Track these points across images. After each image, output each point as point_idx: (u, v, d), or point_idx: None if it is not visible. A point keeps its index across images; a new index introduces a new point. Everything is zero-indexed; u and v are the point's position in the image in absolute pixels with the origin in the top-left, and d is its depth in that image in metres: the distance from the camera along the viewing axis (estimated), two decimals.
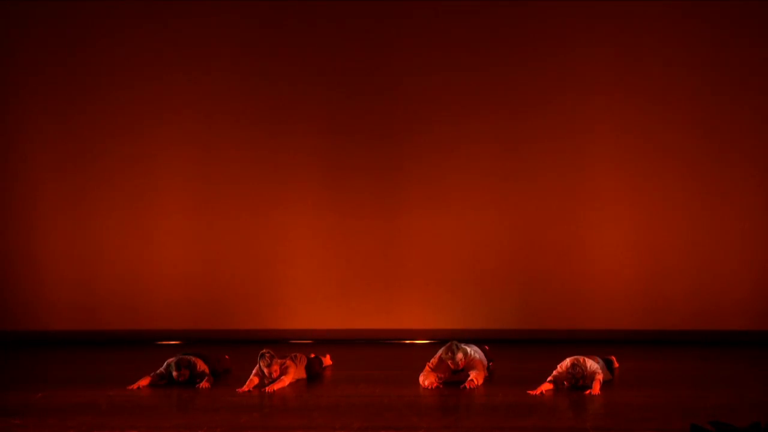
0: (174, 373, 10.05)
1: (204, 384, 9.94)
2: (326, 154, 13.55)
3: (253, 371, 9.85)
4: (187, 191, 13.62)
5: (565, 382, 9.40)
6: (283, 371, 9.96)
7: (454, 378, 9.63)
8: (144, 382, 10.03)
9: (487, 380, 9.75)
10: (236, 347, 11.23)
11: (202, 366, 10.21)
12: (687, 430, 6.93)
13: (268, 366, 9.83)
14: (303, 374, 10.29)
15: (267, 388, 9.65)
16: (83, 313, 13.57)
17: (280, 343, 13.15)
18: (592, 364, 9.46)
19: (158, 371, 10.19)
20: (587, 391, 9.21)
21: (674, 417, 7.69)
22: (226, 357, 10.90)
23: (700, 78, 13.06)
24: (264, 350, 9.88)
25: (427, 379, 9.60)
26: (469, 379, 9.50)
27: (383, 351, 12.62)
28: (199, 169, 13.63)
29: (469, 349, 9.73)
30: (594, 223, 12.95)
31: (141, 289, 13.55)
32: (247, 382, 9.75)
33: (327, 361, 10.95)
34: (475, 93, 13.36)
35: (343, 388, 9.86)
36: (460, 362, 9.56)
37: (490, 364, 10.12)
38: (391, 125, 13.49)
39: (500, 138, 13.34)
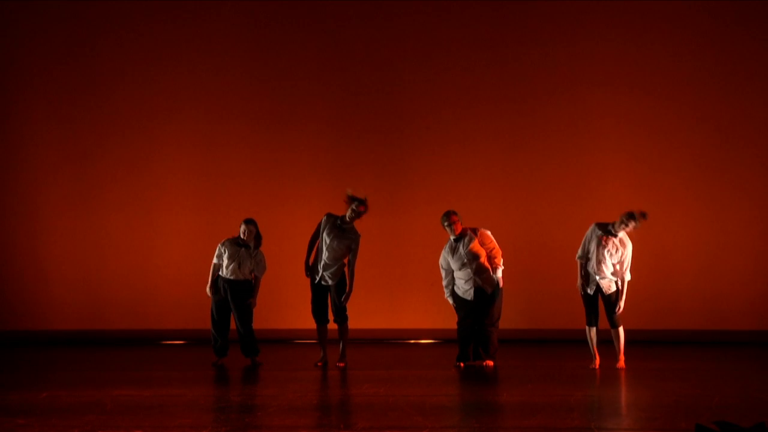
0: (242, 227, 10.84)
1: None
2: (330, 153, 13.56)
3: None
4: (190, 191, 13.64)
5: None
6: None
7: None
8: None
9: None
10: (238, 347, 11.23)
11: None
12: (692, 430, 6.92)
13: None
14: None
15: None
16: (87, 313, 13.60)
17: (284, 342, 13.18)
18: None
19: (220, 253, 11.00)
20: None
21: (679, 417, 7.68)
22: None
23: (707, 75, 13.07)
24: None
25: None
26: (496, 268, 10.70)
27: (387, 350, 12.62)
28: (201, 169, 13.66)
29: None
30: None
31: (145, 288, 13.57)
32: None
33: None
34: (479, 91, 13.37)
35: (347, 388, 9.85)
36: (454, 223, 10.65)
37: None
38: (394, 124, 13.51)
39: (504, 137, 13.35)
